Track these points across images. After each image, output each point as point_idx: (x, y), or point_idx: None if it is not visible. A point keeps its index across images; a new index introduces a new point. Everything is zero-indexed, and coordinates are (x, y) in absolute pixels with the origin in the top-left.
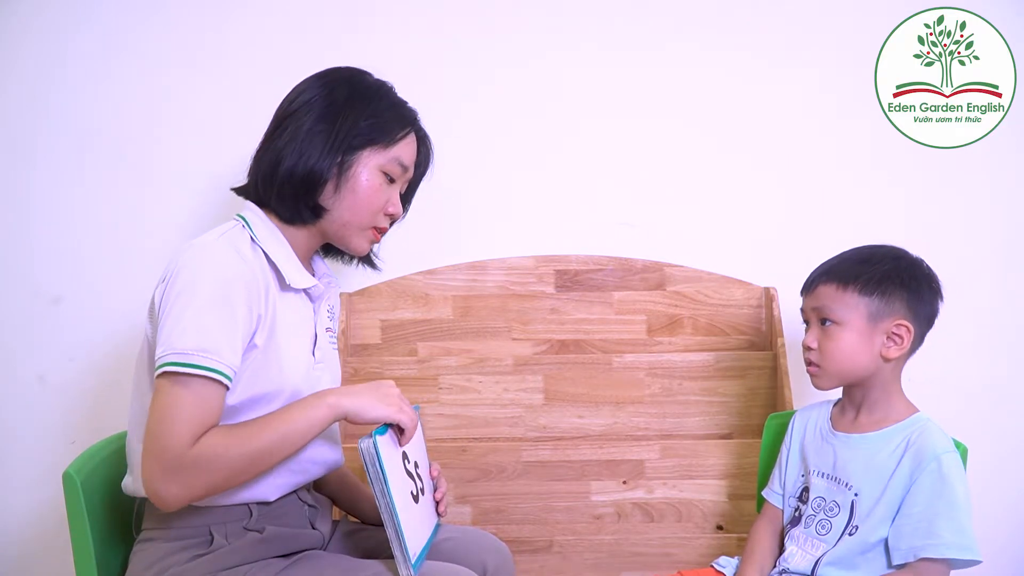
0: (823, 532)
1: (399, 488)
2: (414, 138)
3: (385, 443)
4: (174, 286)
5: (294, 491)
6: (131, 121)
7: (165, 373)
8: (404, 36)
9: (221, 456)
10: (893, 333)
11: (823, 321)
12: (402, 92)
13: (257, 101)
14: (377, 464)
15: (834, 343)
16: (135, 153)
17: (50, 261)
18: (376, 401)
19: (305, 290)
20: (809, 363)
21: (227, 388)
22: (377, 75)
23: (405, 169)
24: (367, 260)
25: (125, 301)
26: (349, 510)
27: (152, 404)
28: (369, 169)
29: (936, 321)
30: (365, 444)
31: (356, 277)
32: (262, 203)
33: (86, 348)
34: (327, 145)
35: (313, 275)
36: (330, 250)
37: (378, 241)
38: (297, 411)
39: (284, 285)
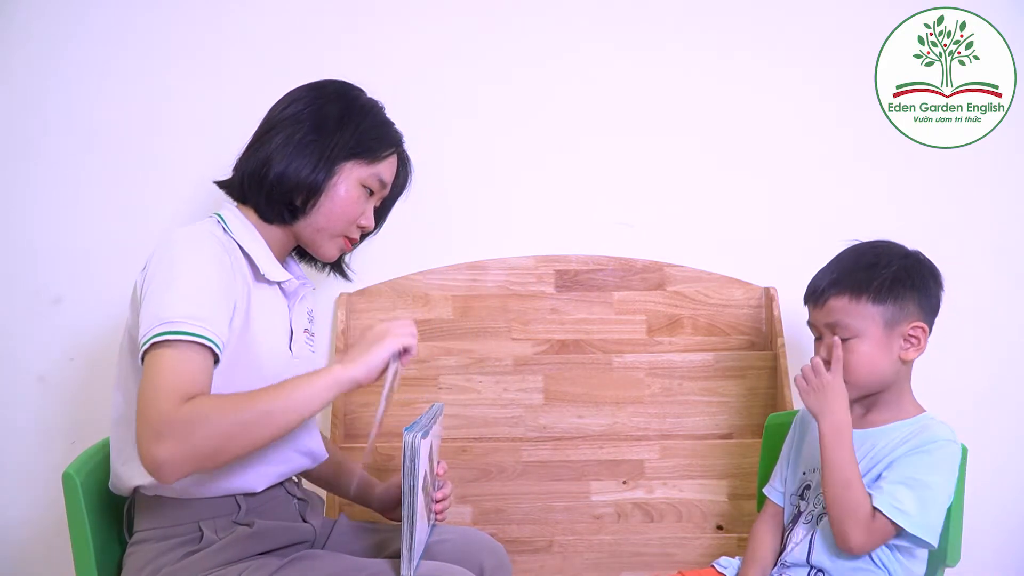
0: (820, 525)
1: (423, 487)
2: (396, 159)
3: (426, 444)
4: (157, 267)
5: (281, 483)
6: (131, 121)
7: (154, 344)
8: (405, 38)
9: (212, 417)
10: (909, 335)
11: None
12: (401, 94)
13: (258, 101)
14: (416, 459)
15: (855, 356)
16: (135, 153)
17: (50, 261)
18: (371, 346)
19: (279, 285)
20: None
21: (217, 359)
22: (377, 76)
23: (384, 186)
24: (338, 269)
25: (125, 301)
26: (334, 487)
27: (143, 377)
28: (350, 181)
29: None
30: (410, 437)
31: (357, 277)
32: (243, 199)
33: (86, 348)
34: (319, 159)
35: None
36: (304, 256)
37: (348, 251)
38: (299, 380)
39: (258, 276)
